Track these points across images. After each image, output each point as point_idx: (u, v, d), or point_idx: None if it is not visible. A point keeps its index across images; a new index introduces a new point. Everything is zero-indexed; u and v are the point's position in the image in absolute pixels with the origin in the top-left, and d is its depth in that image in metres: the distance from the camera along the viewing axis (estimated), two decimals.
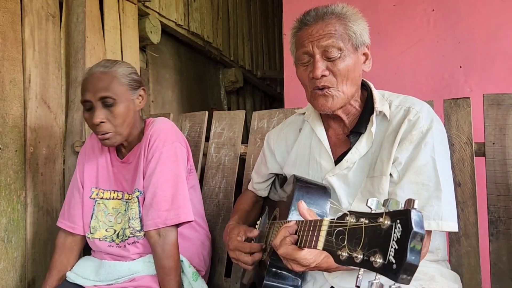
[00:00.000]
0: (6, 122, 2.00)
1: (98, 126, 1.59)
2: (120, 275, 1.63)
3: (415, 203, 0.70)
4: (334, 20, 1.27)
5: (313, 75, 1.26)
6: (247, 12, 5.45)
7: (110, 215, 1.72)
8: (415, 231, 0.66)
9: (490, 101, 1.63)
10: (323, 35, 1.25)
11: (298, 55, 1.31)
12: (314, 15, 1.28)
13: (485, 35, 2.25)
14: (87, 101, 1.60)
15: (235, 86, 4.84)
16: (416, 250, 0.67)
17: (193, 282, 1.68)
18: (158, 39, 3.21)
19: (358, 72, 1.31)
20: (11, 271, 2.00)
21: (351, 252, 0.77)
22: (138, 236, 1.66)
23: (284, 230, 1.07)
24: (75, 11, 2.35)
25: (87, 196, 1.76)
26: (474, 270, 1.57)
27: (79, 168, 1.82)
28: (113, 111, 1.59)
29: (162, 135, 1.65)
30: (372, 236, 0.74)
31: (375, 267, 0.70)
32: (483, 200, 1.61)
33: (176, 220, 1.59)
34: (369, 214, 0.77)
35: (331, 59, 1.25)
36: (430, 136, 1.23)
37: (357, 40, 1.28)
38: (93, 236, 1.72)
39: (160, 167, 1.61)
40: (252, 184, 1.74)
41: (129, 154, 1.74)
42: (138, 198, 1.65)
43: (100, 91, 1.58)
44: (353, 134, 1.34)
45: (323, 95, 1.28)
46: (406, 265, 0.66)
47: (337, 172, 1.34)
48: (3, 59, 2.00)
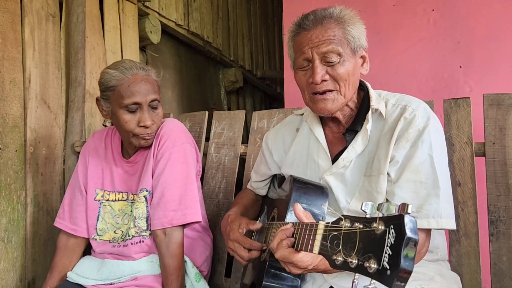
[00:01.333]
0: (6, 122, 2.00)
1: (147, 129, 1.62)
2: (122, 274, 1.63)
3: (408, 208, 0.70)
4: (333, 24, 1.26)
5: (313, 80, 1.26)
6: (247, 12, 5.45)
7: (117, 216, 1.72)
8: (408, 237, 0.66)
9: (490, 101, 1.64)
10: (323, 41, 1.24)
11: (297, 61, 1.31)
12: (313, 19, 1.27)
13: (485, 35, 2.25)
14: (137, 103, 1.59)
15: (235, 86, 4.84)
16: (410, 256, 0.67)
17: (196, 283, 1.68)
18: (158, 39, 3.21)
19: (356, 75, 1.31)
20: (11, 271, 2.00)
21: (346, 257, 0.78)
22: (144, 236, 1.66)
23: (281, 233, 1.08)
24: (75, 11, 2.35)
25: (91, 197, 1.75)
26: (474, 270, 1.57)
27: (81, 169, 1.81)
28: (159, 113, 1.66)
29: (173, 136, 1.66)
30: (366, 241, 0.74)
31: (369, 273, 0.71)
32: (483, 200, 1.61)
33: (183, 220, 1.59)
34: (364, 219, 0.77)
35: (330, 64, 1.25)
36: (427, 133, 1.23)
37: (355, 44, 1.28)
38: (101, 238, 1.71)
39: (169, 167, 1.62)
40: (251, 183, 1.75)
41: (137, 154, 1.74)
42: (146, 198, 1.66)
43: (150, 94, 1.61)
44: (349, 133, 1.35)
45: (323, 99, 1.29)
46: (400, 271, 0.66)
47: (334, 171, 1.34)
48: (3, 59, 2.00)
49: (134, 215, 1.66)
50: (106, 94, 1.63)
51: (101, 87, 1.65)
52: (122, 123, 1.60)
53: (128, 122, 1.60)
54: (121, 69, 1.61)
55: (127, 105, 1.58)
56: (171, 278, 1.56)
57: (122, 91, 1.58)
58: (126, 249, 1.67)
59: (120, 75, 1.59)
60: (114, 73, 1.60)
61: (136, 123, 1.60)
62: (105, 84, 1.62)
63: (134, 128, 1.61)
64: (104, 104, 1.66)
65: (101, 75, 1.65)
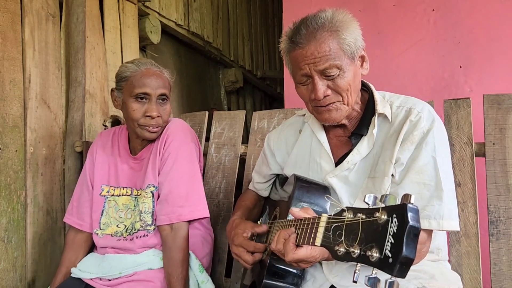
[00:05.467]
0: (6, 122, 2.00)
1: (152, 120, 1.67)
2: (123, 268, 1.66)
3: (411, 198, 0.70)
4: (327, 35, 1.21)
5: (315, 96, 1.25)
6: (247, 12, 5.45)
7: (120, 211, 1.76)
8: (411, 225, 0.67)
9: (490, 101, 1.64)
10: (319, 58, 1.21)
11: (297, 76, 1.29)
12: (305, 34, 1.22)
13: (485, 35, 2.25)
14: (146, 94, 1.66)
15: (235, 86, 4.84)
16: (412, 244, 0.67)
17: (200, 273, 1.73)
18: (158, 39, 3.21)
19: (357, 80, 1.30)
20: (11, 271, 2.00)
21: (348, 247, 0.78)
22: (149, 230, 1.70)
23: (284, 233, 1.09)
24: (75, 11, 2.35)
25: (97, 193, 1.80)
26: (474, 270, 1.57)
27: (88, 166, 1.86)
28: (166, 109, 1.72)
29: (179, 136, 1.73)
30: (369, 231, 0.74)
31: (371, 261, 0.71)
32: (483, 200, 1.61)
33: (190, 216, 1.66)
34: (366, 210, 0.78)
35: (330, 77, 1.23)
36: (431, 136, 1.23)
37: (352, 51, 1.24)
38: (103, 232, 1.75)
39: (176, 165, 1.68)
40: (253, 184, 1.75)
41: (143, 150, 1.78)
42: (153, 193, 1.70)
43: (160, 88, 1.68)
44: (355, 136, 1.34)
45: (327, 110, 1.28)
46: (402, 259, 0.66)
47: (338, 173, 1.34)
48: (3, 59, 2.00)
49: (140, 209, 1.70)
50: (120, 84, 1.71)
51: (116, 78, 1.74)
52: (130, 111, 1.67)
53: (135, 111, 1.66)
54: (136, 62, 1.72)
55: (136, 94, 1.66)
56: (177, 270, 1.59)
57: (134, 81, 1.67)
58: (132, 243, 1.70)
59: (134, 67, 1.69)
60: (130, 65, 1.71)
61: (142, 113, 1.66)
62: (120, 75, 1.71)
63: (140, 117, 1.67)
64: (117, 95, 1.74)
65: (119, 68, 1.76)
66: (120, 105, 1.73)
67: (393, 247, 0.68)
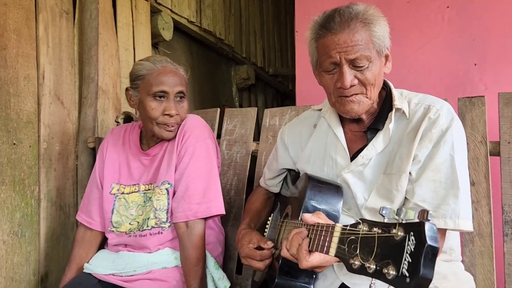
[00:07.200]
0: (20, 118, 2.02)
1: (171, 118, 1.67)
2: (138, 266, 1.66)
3: (428, 215, 0.69)
4: (360, 26, 1.22)
5: (341, 85, 1.24)
6: (259, 9, 5.44)
7: (130, 208, 1.75)
8: (429, 245, 0.66)
9: (506, 99, 1.61)
10: (351, 47, 1.20)
11: (324, 64, 1.27)
12: (339, 22, 1.22)
13: (501, 32, 2.22)
14: (164, 92, 1.65)
15: (246, 83, 4.83)
16: (430, 264, 0.66)
17: (215, 271, 1.72)
18: (170, 36, 3.22)
19: (381, 76, 1.30)
20: (24, 265, 2.03)
21: (364, 262, 0.77)
22: (163, 227, 1.69)
23: (297, 237, 1.09)
24: (88, 8, 2.37)
25: (107, 191, 1.78)
26: (487, 271, 1.55)
27: (98, 164, 1.85)
28: (184, 106, 1.72)
29: (196, 131, 1.72)
30: (385, 247, 0.74)
31: (388, 279, 0.70)
32: (498, 200, 1.59)
33: (207, 213, 1.64)
34: (382, 224, 0.77)
35: (359, 68, 1.23)
36: (449, 134, 1.22)
37: (380, 46, 1.25)
38: (118, 229, 1.74)
39: (193, 161, 1.67)
40: (264, 180, 1.74)
41: (155, 146, 1.78)
42: (167, 190, 1.69)
43: (177, 86, 1.68)
44: (371, 131, 1.34)
45: (350, 101, 1.27)
46: (420, 280, 0.66)
47: (353, 168, 1.33)
48: (18, 56, 2.02)
49: (155, 206, 1.69)
50: (136, 83, 1.70)
51: (131, 77, 1.73)
52: (148, 110, 1.66)
53: (154, 110, 1.65)
54: (152, 60, 1.70)
55: (154, 93, 1.65)
56: (194, 269, 1.59)
57: (151, 80, 1.66)
58: (144, 239, 1.69)
59: (150, 65, 1.68)
60: (145, 63, 1.69)
61: (161, 111, 1.66)
62: (136, 73, 1.70)
63: (158, 116, 1.66)
64: (133, 94, 1.72)
65: (133, 66, 1.74)
66: (136, 104, 1.72)
67: (410, 267, 0.67)
